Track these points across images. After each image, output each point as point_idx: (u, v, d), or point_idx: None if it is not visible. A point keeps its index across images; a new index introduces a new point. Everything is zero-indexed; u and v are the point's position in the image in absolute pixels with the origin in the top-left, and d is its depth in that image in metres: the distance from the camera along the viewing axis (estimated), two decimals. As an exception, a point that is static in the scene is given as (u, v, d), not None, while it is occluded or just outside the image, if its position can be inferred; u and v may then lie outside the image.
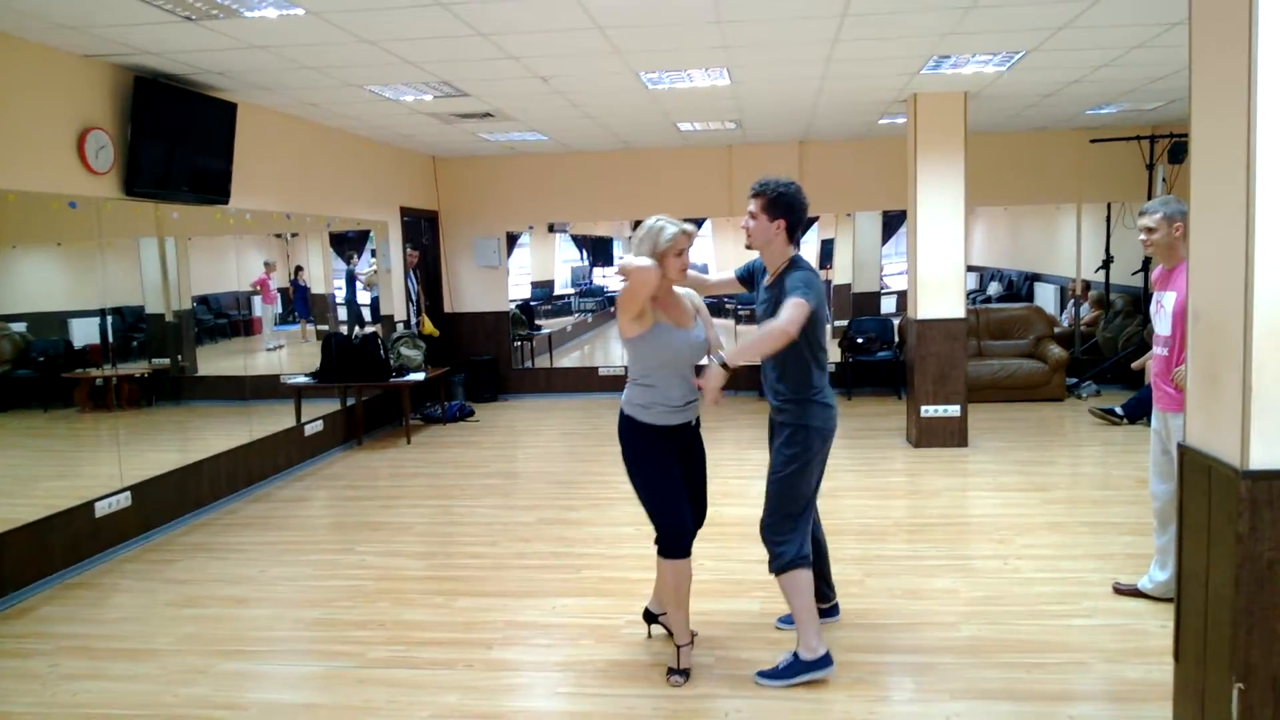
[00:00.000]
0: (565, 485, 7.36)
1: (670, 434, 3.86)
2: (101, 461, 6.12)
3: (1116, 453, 7.81)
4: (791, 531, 3.87)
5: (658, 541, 3.87)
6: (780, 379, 3.92)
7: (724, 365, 3.63)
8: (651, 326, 3.75)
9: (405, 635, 4.52)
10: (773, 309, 3.82)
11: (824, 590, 4.33)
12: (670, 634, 4.06)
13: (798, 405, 3.87)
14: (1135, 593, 4.65)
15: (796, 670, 3.85)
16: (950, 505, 6.52)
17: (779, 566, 3.87)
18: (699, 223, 11.42)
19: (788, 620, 4.27)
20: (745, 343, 3.85)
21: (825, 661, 3.86)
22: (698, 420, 4.00)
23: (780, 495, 3.91)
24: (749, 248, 3.98)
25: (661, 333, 3.77)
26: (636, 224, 3.92)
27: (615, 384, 11.63)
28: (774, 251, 3.92)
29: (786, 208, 3.84)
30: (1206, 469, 2.85)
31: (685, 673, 3.92)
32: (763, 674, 3.90)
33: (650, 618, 4.31)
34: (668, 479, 3.84)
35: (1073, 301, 11.51)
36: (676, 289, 3.90)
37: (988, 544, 5.59)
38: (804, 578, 3.86)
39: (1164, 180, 10.03)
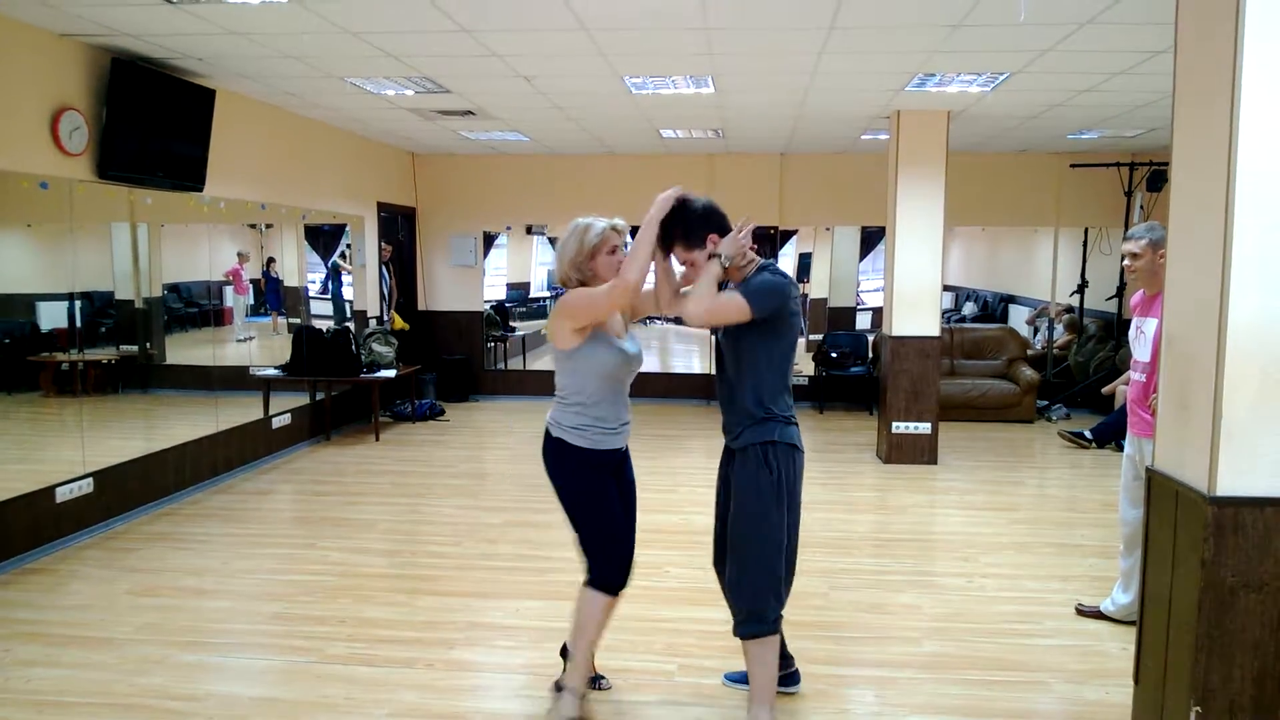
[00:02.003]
0: (534, 488, 7.31)
1: (605, 459, 3.50)
2: (64, 446, 6.01)
3: (1084, 476, 7.87)
4: (768, 587, 3.35)
5: (595, 577, 3.52)
6: (736, 394, 3.42)
7: (713, 255, 3.32)
8: (589, 337, 3.39)
9: (366, 632, 4.47)
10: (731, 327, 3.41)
11: (784, 653, 3.77)
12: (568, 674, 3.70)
13: (757, 425, 3.36)
14: (1098, 614, 4.68)
15: None
16: (917, 522, 6.54)
17: (749, 632, 3.38)
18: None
19: (738, 678, 3.90)
20: (700, 282, 3.31)
21: None
22: (626, 448, 3.65)
23: (748, 542, 3.36)
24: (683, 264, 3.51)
25: (600, 343, 3.41)
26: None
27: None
28: (732, 269, 3.43)
29: (705, 226, 3.38)
30: (1174, 493, 2.86)
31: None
32: None
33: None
34: (612, 509, 3.52)
35: (1047, 322, 11.58)
36: None
37: (953, 561, 5.61)
38: (772, 646, 3.40)
39: (1141, 208, 10.12)
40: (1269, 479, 2.65)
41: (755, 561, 3.35)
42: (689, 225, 3.37)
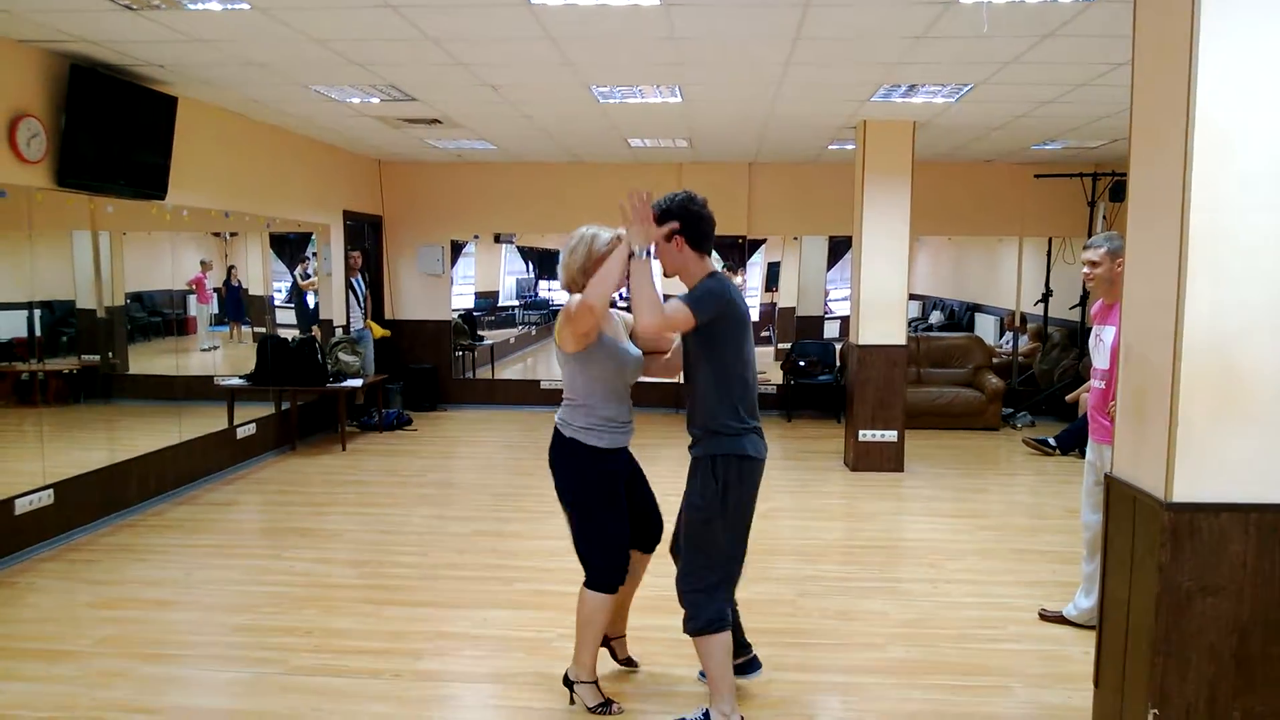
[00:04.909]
0: (502, 497, 7.30)
1: (615, 456, 3.71)
2: (24, 458, 5.93)
3: (1048, 482, 7.95)
4: (710, 587, 3.50)
5: (592, 579, 3.69)
6: (692, 406, 3.57)
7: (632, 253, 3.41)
8: (598, 339, 3.58)
9: (332, 643, 4.44)
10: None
11: (740, 641, 3.92)
12: (616, 658, 4.13)
13: (708, 437, 3.51)
14: (1060, 619, 4.73)
15: None
16: (884, 529, 6.58)
17: (694, 628, 3.51)
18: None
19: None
20: (639, 289, 3.39)
21: None
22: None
23: (693, 543, 3.57)
24: (667, 276, 3.65)
25: (606, 346, 3.62)
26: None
27: (557, 398, 11.53)
28: (691, 271, 3.56)
29: (677, 220, 3.50)
30: (1131, 500, 2.90)
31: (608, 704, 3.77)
32: None
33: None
34: (615, 508, 3.68)
35: (1012, 333, 11.73)
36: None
37: (919, 568, 5.65)
38: (721, 642, 3.50)
39: (1104, 217, 10.26)
40: (1223, 485, 2.70)
41: (699, 565, 3.55)
42: (663, 217, 3.49)
